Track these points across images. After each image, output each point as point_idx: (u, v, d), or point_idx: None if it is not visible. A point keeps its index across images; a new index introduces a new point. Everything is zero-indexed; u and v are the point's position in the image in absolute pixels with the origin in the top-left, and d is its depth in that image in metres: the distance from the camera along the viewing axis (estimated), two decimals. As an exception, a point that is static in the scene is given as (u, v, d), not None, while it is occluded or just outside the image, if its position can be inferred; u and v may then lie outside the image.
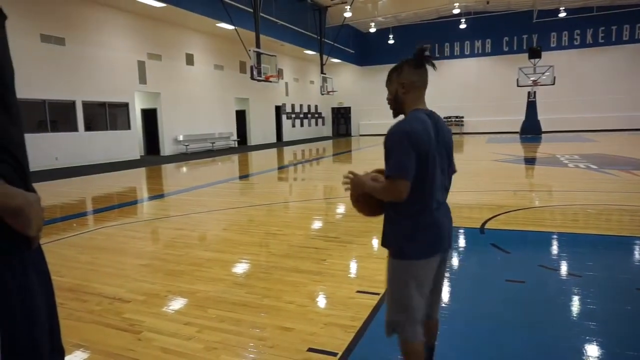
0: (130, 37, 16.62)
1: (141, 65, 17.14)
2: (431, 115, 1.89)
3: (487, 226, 5.29)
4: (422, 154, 1.76)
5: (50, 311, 1.08)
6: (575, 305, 3.11)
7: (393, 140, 1.78)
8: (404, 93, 1.89)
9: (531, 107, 26.31)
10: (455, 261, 4.18)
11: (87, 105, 14.99)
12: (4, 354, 0.90)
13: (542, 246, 4.62)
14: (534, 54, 25.61)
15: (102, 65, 15.45)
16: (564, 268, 3.89)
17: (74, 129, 14.64)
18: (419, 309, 1.90)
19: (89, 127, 15.12)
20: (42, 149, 13.14)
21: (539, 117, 26.26)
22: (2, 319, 0.90)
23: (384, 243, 1.95)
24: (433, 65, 1.91)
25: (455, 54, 31.23)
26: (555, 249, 4.59)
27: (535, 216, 5.98)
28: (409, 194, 1.76)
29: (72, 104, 14.53)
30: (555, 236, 4.90)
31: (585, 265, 3.91)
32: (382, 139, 1.90)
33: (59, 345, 1.14)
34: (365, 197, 1.93)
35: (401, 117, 1.93)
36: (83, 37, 14.69)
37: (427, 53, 1.87)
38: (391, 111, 2.00)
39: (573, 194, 7.38)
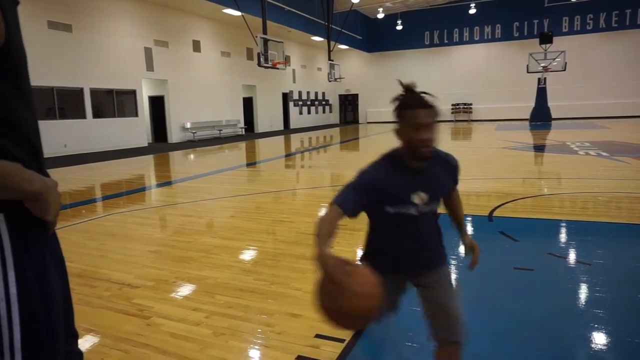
0: (137, 23, 16.56)
1: (148, 52, 17.11)
2: None
3: (495, 214, 5.25)
4: None
5: (65, 295, 1.09)
6: (585, 293, 3.09)
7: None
8: None
9: (541, 93, 25.97)
10: (462, 249, 4.15)
11: (94, 93, 15.03)
12: (22, 337, 0.91)
13: (551, 234, 4.59)
14: (545, 39, 25.20)
15: (109, 52, 15.44)
16: (573, 256, 3.86)
17: (82, 116, 14.70)
18: None
19: (97, 115, 15.17)
20: (51, 136, 13.22)
21: (549, 104, 25.93)
22: (20, 303, 0.90)
23: (434, 260, 1.88)
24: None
25: (465, 39, 30.81)
26: (564, 236, 4.56)
27: (544, 204, 5.93)
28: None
29: (80, 91, 14.57)
30: (564, 224, 4.85)
31: (595, 253, 3.87)
32: (390, 126, 1.79)
33: (73, 329, 1.16)
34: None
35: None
36: (90, 24, 14.66)
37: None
38: (426, 155, 1.63)
39: (583, 182, 7.30)
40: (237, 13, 17.53)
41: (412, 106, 1.58)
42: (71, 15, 14.04)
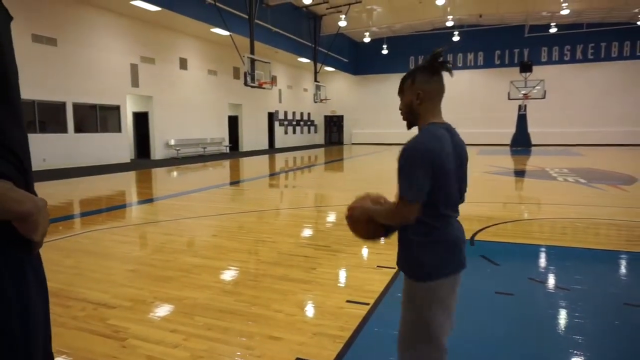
0: (124, 39, 16.55)
1: (134, 68, 17.07)
2: (449, 129, 1.75)
3: (476, 238, 5.30)
4: (438, 173, 1.62)
5: (45, 317, 1.06)
6: (564, 319, 3.12)
7: (407, 159, 1.62)
8: (419, 104, 1.73)
9: (522, 120, 26.63)
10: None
11: (77, 107, 14.87)
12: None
13: (531, 259, 4.64)
14: (525, 67, 25.98)
15: (94, 67, 15.35)
16: (552, 281, 3.90)
17: (64, 130, 14.49)
18: (444, 342, 1.77)
19: (79, 129, 14.98)
20: (30, 149, 12.92)
21: (529, 130, 26.58)
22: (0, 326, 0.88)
23: (401, 266, 1.79)
24: (449, 71, 1.76)
25: (448, 65, 31.53)
26: (544, 262, 4.61)
27: (524, 229, 6.01)
28: (423, 212, 1.64)
29: (63, 105, 14.39)
30: (543, 249, 4.92)
31: (574, 278, 3.92)
32: (374, 148, 1.89)
33: (49, 351, 1.12)
34: (364, 220, 1.77)
35: (415, 130, 1.79)
36: (75, 38, 14.60)
37: (441, 58, 1.71)
38: (405, 122, 1.82)
39: (562, 208, 7.44)
40: (225, 33, 17.69)
41: None
42: (56, 29, 13.97)
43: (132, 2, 14.53)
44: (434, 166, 1.60)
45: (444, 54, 1.70)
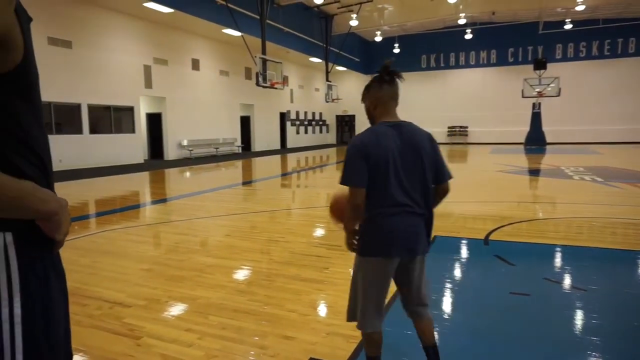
0: (137, 41, 16.73)
1: (147, 69, 17.24)
2: (395, 125, 2.03)
3: (491, 237, 5.24)
4: (372, 162, 1.93)
5: (65, 316, 1.08)
6: (581, 319, 3.07)
7: (346, 152, 2.02)
8: (373, 108, 2.09)
9: (536, 118, 26.30)
10: (458, 272, 4.14)
11: (92, 108, 15.07)
12: (25, 357, 0.90)
13: (547, 259, 4.57)
14: (540, 65, 25.65)
15: (108, 69, 15.54)
16: (568, 281, 3.84)
17: (79, 131, 14.70)
18: (370, 303, 2.07)
19: (93, 130, 15.18)
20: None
21: (544, 129, 26.23)
22: (24, 325, 0.90)
23: None
24: (399, 77, 2.08)
25: (461, 64, 31.30)
26: (559, 261, 4.55)
27: (539, 228, 5.93)
28: (366, 200, 1.96)
29: (78, 107, 14.60)
30: (559, 249, 4.85)
31: (590, 279, 3.86)
32: None
33: (69, 350, 1.14)
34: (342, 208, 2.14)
35: None
36: (90, 40, 14.79)
37: (390, 68, 2.06)
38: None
39: (578, 207, 7.33)
40: (237, 33, 17.77)
41: None
42: (71, 31, 14.17)
43: (145, 5, 14.68)
44: (368, 156, 1.94)
45: (393, 65, 2.05)
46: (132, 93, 16.59)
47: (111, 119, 15.92)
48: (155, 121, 18.83)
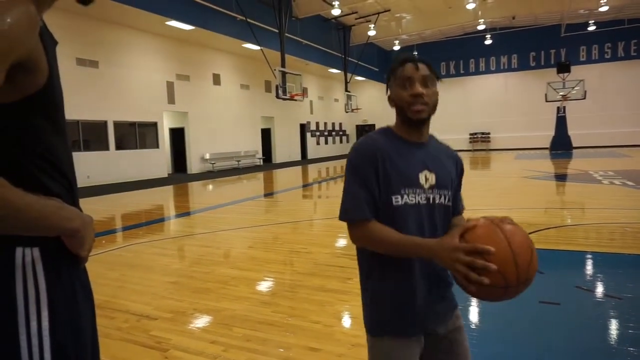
0: (160, 58, 17.15)
1: (170, 85, 17.63)
2: None
3: (518, 245, 5.12)
4: None
5: (92, 328, 1.10)
6: (616, 329, 2.95)
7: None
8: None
9: (561, 122, 25.74)
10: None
11: (118, 125, 15.47)
12: None
13: (577, 266, 4.44)
14: (563, 68, 25.17)
15: (133, 86, 15.96)
16: (601, 289, 3.72)
17: (105, 148, 15.09)
18: None
19: (119, 146, 15.57)
20: (75, 168, 13.55)
21: (570, 132, 25.63)
22: (52, 337, 0.91)
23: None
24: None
25: (481, 69, 30.99)
26: (591, 269, 4.41)
27: (568, 235, 5.77)
28: None
29: (104, 124, 15.01)
30: (590, 256, 4.70)
31: (625, 286, 3.72)
32: None
33: None
34: None
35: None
36: (115, 59, 15.24)
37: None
38: (418, 114, 1.36)
39: (608, 212, 7.11)
40: (256, 47, 18.04)
41: (402, 62, 1.37)
42: (98, 51, 14.63)
43: (167, 23, 15.07)
44: None
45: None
46: (156, 109, 16.98)
47: (136, 134, 16.30)
48: (178, 136, 19.19)
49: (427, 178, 1.36)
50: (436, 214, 1.37)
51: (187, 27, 15.55)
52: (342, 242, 6.00)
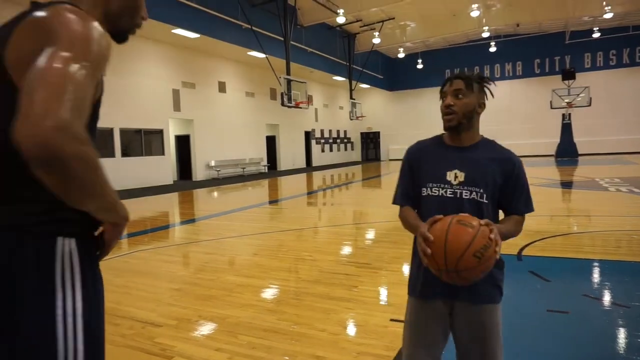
0: (166, 66, 17.28)
1: (176, 93, 17.75)
2: None
3: (524, 253, 5.09)
4: None
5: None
6: (624, 338, 2.92)
7: (525, 172, 1.71)
8: (478, 114, 1.70)
9: (566, 129, 25.66)
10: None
11: (124, 132, 15.56)
12: (84, 346, 1.02)
13: (585, 274, 4.40)
14: (568, 75, 25.13)
15: (139, 94, 16.07)
16: (609, 298, 3.68)
17: (111, 155, 15.18)
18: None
19: (125, 153, 15.65)
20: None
21: (575, 140, 25.53)
22: (83, 317, 1.02)
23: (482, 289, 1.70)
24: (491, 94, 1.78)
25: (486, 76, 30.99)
26: (599, 277, 4.37)
27: (575, 242, 5.73)
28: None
29: (110, 131, 15.10)
30: (597, 264, 4.66)
31: (634, 295, 3.68)
32: None
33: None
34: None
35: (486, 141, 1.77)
36: (122, 67, 15.36)
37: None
38: (447, 122, 1.66)
39: (615, 219, 7.06)
40: (262, 55, 18.15)
41: (445, 81, 1.69)
42: (105, 60, 14.74)
43: (173, 31, 15.20)
44: None
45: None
46: (162, 116, 17.07)
47: (142, 141, 16.39)
48: (183, 143, 19.27)
49: (456, 176, 1.63)
50: (465, 207, 1.58)
51: (194, 35, 15.67)
52: (347, 249, 5.99)
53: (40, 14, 0.99)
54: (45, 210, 1.00)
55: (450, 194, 1.62)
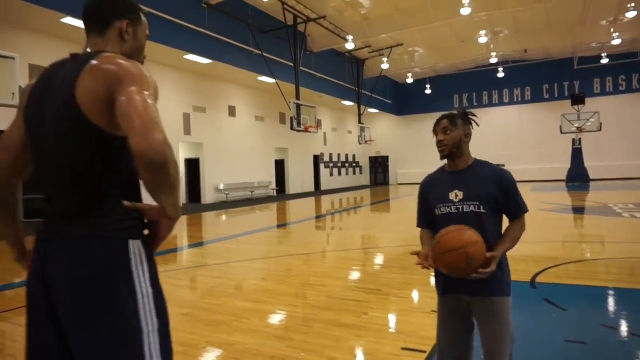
0: (177, 91, 17.57)
1: (186, 117, 17.99)
2: None
3: (537, 280, 4.98)
4: None
5: None
6: (646, 371, 2.81)
7: (514, 182, 2.06)
8: (466, 142, 2.10)
9: (577, 154, 25.46)
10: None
11: (135, 156, 15.70)
12: (159, 324, 1.36)
13: (601, 302, 4.28)
14: (577, 100, 25.11)
15: (150, 118, 16.27)
16: (629, 328, 3.56)
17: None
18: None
19: (135, 176, 15.75)
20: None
21: (586, 164, 25.31)
22: (153, 298, 1.35)
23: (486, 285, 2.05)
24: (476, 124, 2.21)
25: (494, 102, 31.09)
26: (615, 305, 4.24)
27: (589, 269, 5.61)
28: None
29: (122, 154, 15.26)
30: (612, 291, 4.54)
31: (653, 325, 3.57)
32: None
33: None
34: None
35: (470, 159, 2.15)
36: (134, 92, 15.63)
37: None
38: (441, 153, 2.10)
39: (630, 246, 6.91)
40: (272, 80, 18.41)
41: (435, 122, 2.12)
42: (118, 84, 15.04)
43: (185, 57, 15.52)
44: None
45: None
46: (172, 140, 16.72)
47: (152, 165, 16.49)
48: (193, 166, 19.41)
49: (456, 195, 2.02)
50: (468, 218, 1.96)
51: (205, 60, 15.97)
52: (356, 274, 5.91)
53: (97, 62, 1.28)
54: (117, 220, 1.30)
55: (454, 209, 2.01)
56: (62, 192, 1.32)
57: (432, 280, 5.34)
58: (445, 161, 2.13)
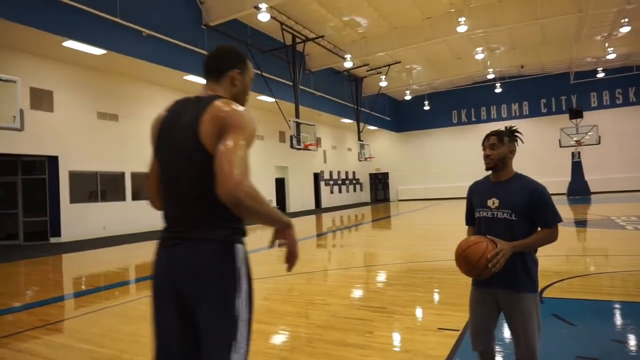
0: (178, 112, 17.63)
1: (187, 137, 18.01)
2: None
3: (544, 294, 4.91)
4: None
5: None
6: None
7: (548, 194, 2.28)
8: (510, 158, 2.37)
9: (577, 167, 25.50)
10: (513, 334, 3.84)
11: (135, 176, 15.72)
12: (248, 315, 1.68)
13: (609, 317, 4.21)
14: (575, 114, 25.27)
15: (149, 138, 16.33)
16: (637, 342, 3.48)
17: (122, 198, 15.27)
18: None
19: (135, 197, 15.74)
20: (91, 218, 13.70)
21: (586, 178, 25.32)
22: (247, 295, 1.69)
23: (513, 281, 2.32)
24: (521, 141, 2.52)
25: (492, 117, 31.26)
26: (624, 320, 4.17)
27: (594, 283, 5.53)
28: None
29: (122, 175, 15.28)
30: (619, 305, 4.47)
31: (665, 339, 3.49)
32: (423, 203, 2.24)
33: None
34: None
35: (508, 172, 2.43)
36: (134, 113, 15.74)
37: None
38: (487, 165, 2.41)
39: (635, 259, 6.84)
40: (271, 99, 18.53)
41: (485, 137, 2.42)
42: (118, 105, 15.16)
43: (185, 77, 15.64)
44: None
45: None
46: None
47: (152, 185, 16.49)
48: (193, 186, 19.36)
49: (493, 202, 2.32)
50: (500, 224, 2.27)
51: (204, 81, 16.08)
52: (360, 292, 5.83)
53: (214, 111, 1.63)
54: (227, 228, 1.67)
55: (490, 215, 2.32)
56: (185, 207, 1.71)
57: (436, 297, 5.28)
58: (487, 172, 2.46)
